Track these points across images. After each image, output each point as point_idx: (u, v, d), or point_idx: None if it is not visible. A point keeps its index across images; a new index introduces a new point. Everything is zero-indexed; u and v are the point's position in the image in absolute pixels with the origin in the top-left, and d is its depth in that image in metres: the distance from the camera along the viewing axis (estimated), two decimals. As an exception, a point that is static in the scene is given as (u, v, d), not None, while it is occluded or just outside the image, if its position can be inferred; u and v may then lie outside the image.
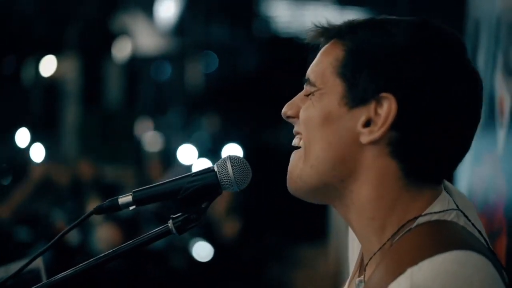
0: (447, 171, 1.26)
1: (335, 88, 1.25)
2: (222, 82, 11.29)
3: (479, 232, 1.26)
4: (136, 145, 9.44)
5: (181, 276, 5.97)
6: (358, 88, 1.23)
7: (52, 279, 1.29)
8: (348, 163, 1.24)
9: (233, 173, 1.31)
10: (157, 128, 10.09)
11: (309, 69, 1.31)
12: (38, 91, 10.47)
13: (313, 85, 1.28)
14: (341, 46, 1.26)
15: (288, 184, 1.30)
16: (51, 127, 10.04)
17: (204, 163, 6.40)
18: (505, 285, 1.18)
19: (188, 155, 7.25)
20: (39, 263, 1.64)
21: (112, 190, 5.91)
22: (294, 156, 1.31)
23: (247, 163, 1.32)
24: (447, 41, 1.24)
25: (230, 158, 1.32)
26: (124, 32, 10.56)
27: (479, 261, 1.13)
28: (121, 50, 10.72)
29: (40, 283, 1.30)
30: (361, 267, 1.32)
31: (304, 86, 1.32)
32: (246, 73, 11.24)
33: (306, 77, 1.30)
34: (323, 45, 1.31)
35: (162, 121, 10.46)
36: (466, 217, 1.25)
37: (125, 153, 9.14)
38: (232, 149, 7.07)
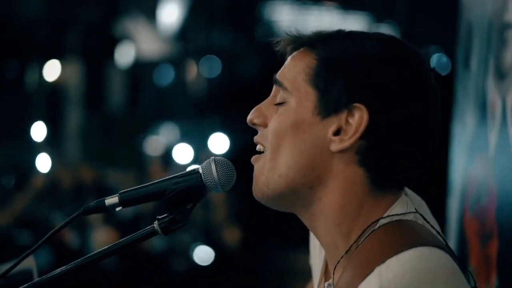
0: (412, 178, 1.31)
1: (308, 96, 1.28)
2: (224, 87, 11.30)
3: (437, 231, 1.30)
4: (138, 149, 9.46)
5: (182, 280, 5.99)
6: (331, 98, 1.26)
7: (39, 279, 1.30)
8: (318, 170, 1.27)
9: (217, 174, 1.32)
10: (159, 132, 10.11)
11: (280, 72, 1.33)
12: (41, 95, 10.51)
13: (284, 89, 1.30)
14: (313, 55, 1.29)
15: (254, 192, 1.32)
16: (53, 131, 10.06)
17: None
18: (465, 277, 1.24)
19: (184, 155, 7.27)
20: (31, 264, 1.65)
21: (113, 194, 5.92)
22: (258, 162, 1.32)
23: (232, 165, 1.34)
24: (414, 56, 1.29)
25: (215, 160, 1.34)
26: (126, 37, 10.59)
27: (441, 256, 1.19)
28: (124, 55, 10.75)
29: (29, 282, 1.32)
30: (327, 272, 1.35)
31: (274, 87, 1.34)
32: (249, 78, 11.24)
33: (277, 79, 1.33)
34: (291, 53, 1.34)
35: (164, 125, 10.47)
36: (423, 217, 1.29)
37: (127, 158, 9.16)
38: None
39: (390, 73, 1.25)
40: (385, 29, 8.62)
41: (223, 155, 1.45)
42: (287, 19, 10.55)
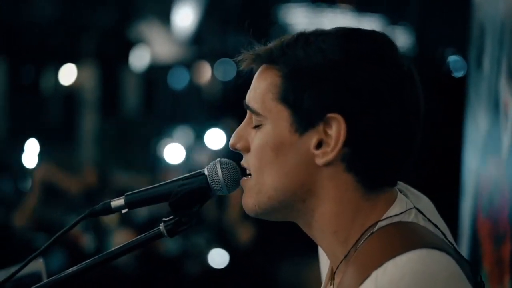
0: (400, 172, 1.27)
1: (282, 114, 1.24)
2: (239, 90, 11.30)
3: (441, 231, 1.27)
4: (153, 153, 9.49)
5: (197, 283, 5.99)
6: (304, 112, 1.22)
7: (46, 281, 1.30)
8: (307, 185, 1.24)
9: (223, 176, 1.31)
10: (173, 136, 10.14)
11: (248, 97, 1.30)
12: (56, 99, 10.57)
13: (257, 114, 1.27)
14: (276, 71, 1.25)
15: (246, 211, 1.30)
16: (69, 135, 10.13)
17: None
18: (470, 281, 1.18)
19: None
20: (40, 266, 1.65)
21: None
22: (246, 185, 1.30)
23: (237, 166, 1.33)
24: (377, 46, 1.24)
25: (220, 161, 1.33)
26: (141, 40, 10.64)
27: (442, 258, 1.14)
28: (139, 59, 10.80)
29: (36, 285, 1.32)
30: (331, 278, 1.32)
31: (247, 112, 1.31)
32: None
33: (247, 104, 1.29)
34: (255, 71, 1.30)
35: (179, 129, 10.50)
36: (425, 216, 1.26)
37: (142, 161, 9.19)
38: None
39: (357, 73, 1.20)
40: (399, 30, 8.61)
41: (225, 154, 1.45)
42: (302, 22, 10.54)
